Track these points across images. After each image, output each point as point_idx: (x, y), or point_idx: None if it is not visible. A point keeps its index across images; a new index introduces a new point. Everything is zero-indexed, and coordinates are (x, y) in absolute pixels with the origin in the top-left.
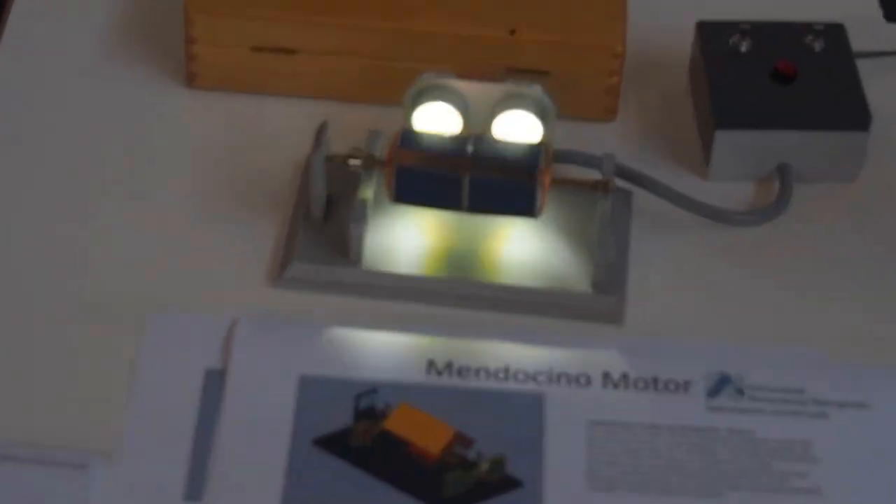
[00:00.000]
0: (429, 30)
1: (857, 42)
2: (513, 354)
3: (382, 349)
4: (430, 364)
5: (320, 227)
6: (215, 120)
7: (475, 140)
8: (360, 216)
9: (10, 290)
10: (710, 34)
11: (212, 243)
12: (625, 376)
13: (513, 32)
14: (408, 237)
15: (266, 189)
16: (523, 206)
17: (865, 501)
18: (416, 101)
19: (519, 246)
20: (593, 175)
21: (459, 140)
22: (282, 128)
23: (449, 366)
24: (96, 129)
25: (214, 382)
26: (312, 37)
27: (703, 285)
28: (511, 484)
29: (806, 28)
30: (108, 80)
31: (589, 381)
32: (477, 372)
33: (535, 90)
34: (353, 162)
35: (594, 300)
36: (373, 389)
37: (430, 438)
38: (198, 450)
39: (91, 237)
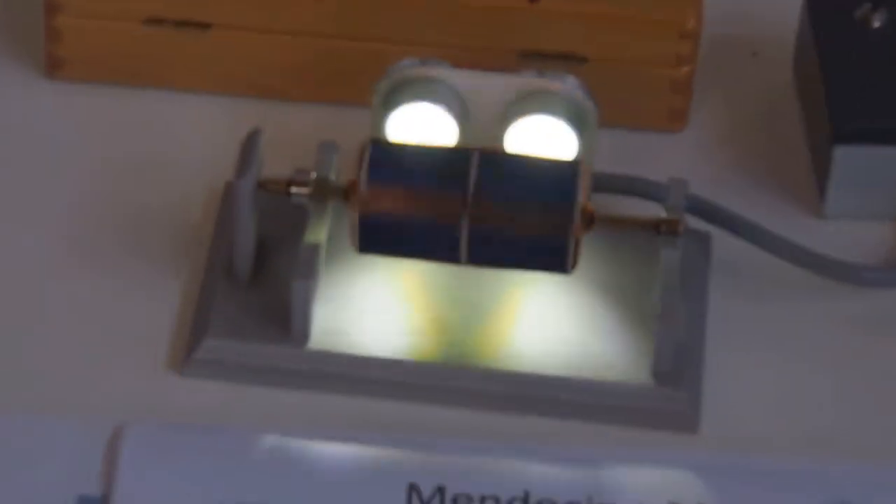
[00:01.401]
0: None
1: None
2: (535, 477)
3: (341, 468)
4: (412, 490)
5: (247, 286)
6: (89, 126)
7: (479, 158)
8: (307, 271)
9: None
10: (826, 6)
11: (85, 309)
12: None
13: (534, 0)
14: (378, 303)
15: (166, 229)
16: (550, 255)
17: None
18: (391, 99)
19: (543, 317)
20: (653, 211)
21: (456, 158)
22: (189, 138)
23: (440, 492)
24: None
25: None
26: (235, 4)
27: (813, 374)
28: None
29: None
30: None
31: None
32: (482, 502)
33: (568, 85)
34: (297, 191)
35: (655, 397)
36: None
37: None
38: None
39: None
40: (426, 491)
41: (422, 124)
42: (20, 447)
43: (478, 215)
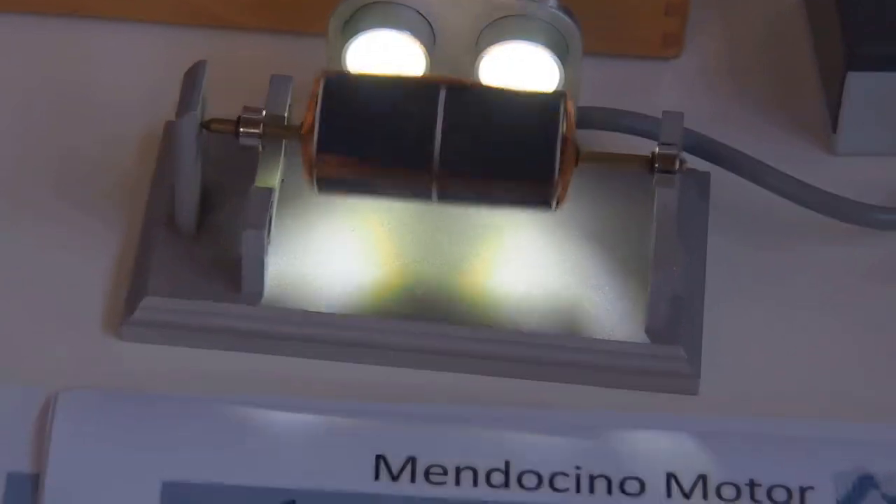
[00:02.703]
0: None
1: None
2: (516, 446)
3: (299, 439)
4: (380, 461)
5: (191, 238)
6: (8, 61)
7: (448, 90)
8: (258, 219)
9: None
10: None
11: (10, 268)
12: (702, 480)
13: None
14: (338, 254)
15: (100, 176)
16: (531, 193)
17: None
18: (351, 27)
19: (525, 267)
20: (646, 147)
21: (423, 89)
22: (123, 73)
23: (410, 464)
24: None
25: (22, 493)
26: None
27: (823, 328)
28: None
29: None
30: None
31: (643, 489)
32: (458, 473)
33: (549, 7)
34: (247, 130)
35: (650, 356)
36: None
37: None
38: None
39: None
40: (396, 462)
41: (385, 54)
42: None
43: (450, 144)
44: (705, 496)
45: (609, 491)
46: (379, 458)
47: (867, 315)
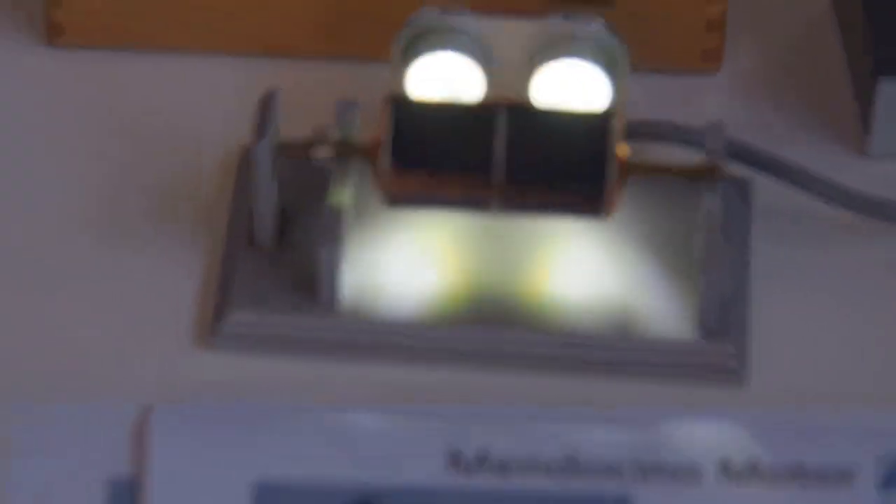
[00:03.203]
0: None
1: None
2: (581, 438)
3: (378, 437)
4: (454, 456)
5: (270, 255)
6: (95, 94)
7: (508, 109)
8: (332, 235)
9: None
10: None
11: (102, 289)
12: (753, 465)
13: None
14: (408, 265)
15: (183, 199)
16: (586, 199)
17: None
18: (411, 51)
19: (580, 272)
20: (691, 157)
21: (484, 109)
22: (201, 102)
23: (483, 458)
24: None
25: (123, 498)
26: None
27: (865, 322)
28: None
29: None
30: None
31: (699, 474)
32: (527, 465)
33: (596, 27)
34: (319, 152)
35: (702, 352)
36: (366, 500)
37: None
38: None
39: None
40: (469, 456)
41: (445, 75)
42: (46, 434)
43: (510, 158)
44: (756, 479)
45: (668, 477)
46: (452, 452)
47: None
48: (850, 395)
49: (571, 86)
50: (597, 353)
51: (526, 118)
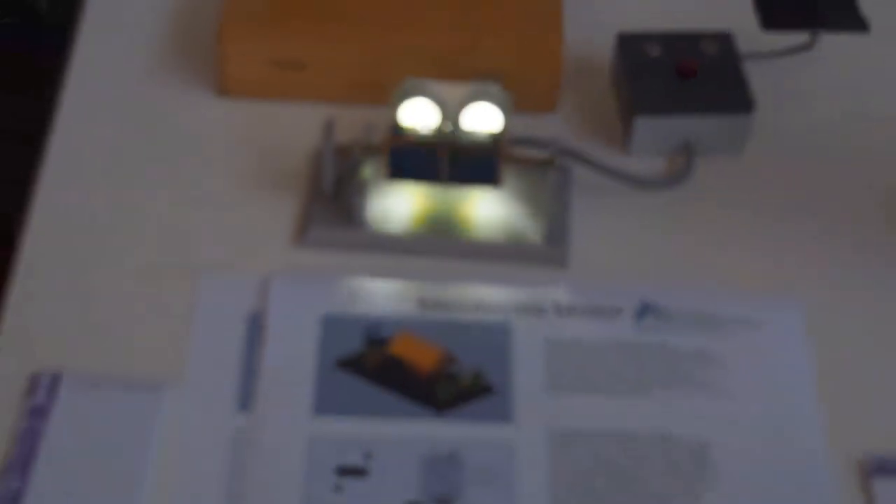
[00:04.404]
0: (410, 43)
1: (742, 45)
2: (484, 293)
3: (384, 292)
4: (421, 301)
5: (331, 201)
6: (244, 122)
7: (451, 128)
8: (361, 191)
9: (95, 257)
10: (628, 43)
11: (247, 217)
12: (571, 307)
13: (475, 44)
14: (400, 205)
15: (287, 174)
16: (489, 178)
17: (756, 395)
18: (402, 99)
19: (486, 209)
20: (542, 154)
21: (438, 128)
22: (297, 126)
23: (436, 303)
24: (150, 129)
25: (256, 323)
26: (319, 53)
27: (629, 237)
28: (487, 390)
29: (702, 36)
30: (158, 92)
31: (544, 311)
32: (458, 307)
33: (495, 88)
34: (356, 149)
35: (545, 250)
36: (379, 323)
37: (424, 358)
38: (246, 373)
39: (156, 215)
40: (429, 302)
41: (419, 112)
42: (219, 289)
43: (451, 153)
44: (573, 314)
45: (528, 313)
46: (421, 299)
47: (649, 229)
48: (622, 272)
49: (482, 117)
50: (494, 249)
51: (459, 135)
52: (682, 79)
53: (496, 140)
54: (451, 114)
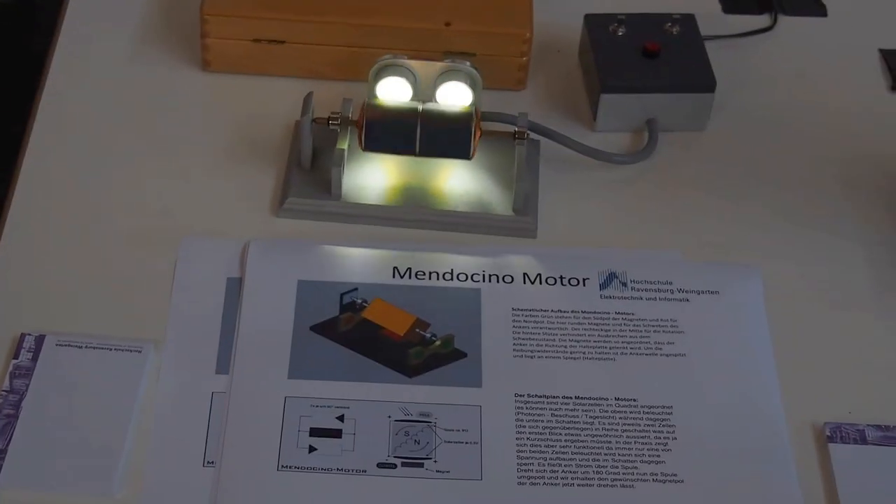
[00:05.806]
0: (386, 24)
1: (704, 28)
2: (456, 261)
3: (359, 260)
4: (395, 270)
5: (309, 171)
6: (226, 95)
7: (423, 104)
8: (338, 162)
9: (80, 223)
10: (595, 24)
11: (227, 186)
12: (539, 275)
13: (448, 24)
14: (375, 176)
15: (267, 145)
16: (461, 150)
17: (716, 360)
18: (378, 76)
19: (458, 181)
20: (511, 129)
21: (411, 104)
22: (277, 100)
23: (409, 270)
24: (135, 103)
25: (234, 287)
26: (298, 31)
27: (594, 208)
28: (458, 355)
29: (666, 17)
30: (142, 66)
31: (512, 279)
32: (430, 274)
33: (467, 66)
34: (333, 122)
35: (514, 220)
36: (354, 289)
37: (397, 323)
38: (224, 336)
39: (140, 183)
40: (402, 269)
41: (394, 89)
42: (199, 254)
43: (424, 126)
44: (540, 283)
45: (498, 280)
46: (395, 268)
47: (613, 201)
48: (587, 242)
49: (455, 93)
50: (465, 220)
51: (432, 109)
52: (647, 58)
53: (468, 115)
54: (425, 90)
